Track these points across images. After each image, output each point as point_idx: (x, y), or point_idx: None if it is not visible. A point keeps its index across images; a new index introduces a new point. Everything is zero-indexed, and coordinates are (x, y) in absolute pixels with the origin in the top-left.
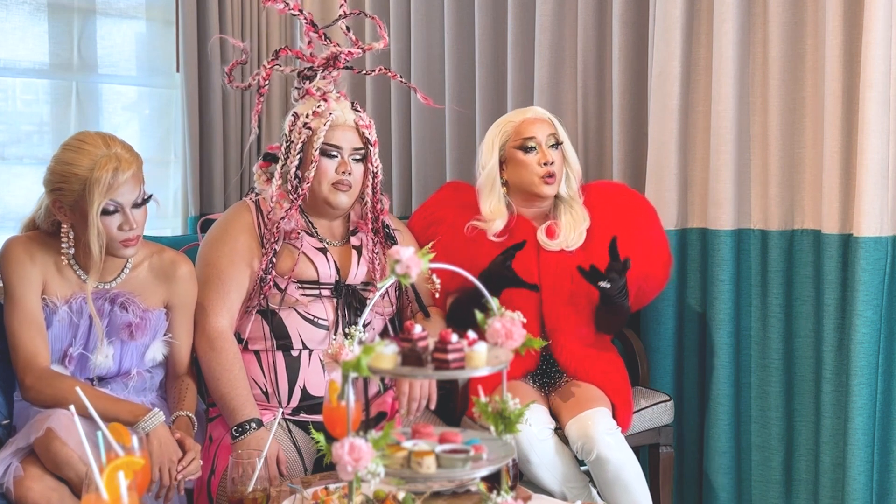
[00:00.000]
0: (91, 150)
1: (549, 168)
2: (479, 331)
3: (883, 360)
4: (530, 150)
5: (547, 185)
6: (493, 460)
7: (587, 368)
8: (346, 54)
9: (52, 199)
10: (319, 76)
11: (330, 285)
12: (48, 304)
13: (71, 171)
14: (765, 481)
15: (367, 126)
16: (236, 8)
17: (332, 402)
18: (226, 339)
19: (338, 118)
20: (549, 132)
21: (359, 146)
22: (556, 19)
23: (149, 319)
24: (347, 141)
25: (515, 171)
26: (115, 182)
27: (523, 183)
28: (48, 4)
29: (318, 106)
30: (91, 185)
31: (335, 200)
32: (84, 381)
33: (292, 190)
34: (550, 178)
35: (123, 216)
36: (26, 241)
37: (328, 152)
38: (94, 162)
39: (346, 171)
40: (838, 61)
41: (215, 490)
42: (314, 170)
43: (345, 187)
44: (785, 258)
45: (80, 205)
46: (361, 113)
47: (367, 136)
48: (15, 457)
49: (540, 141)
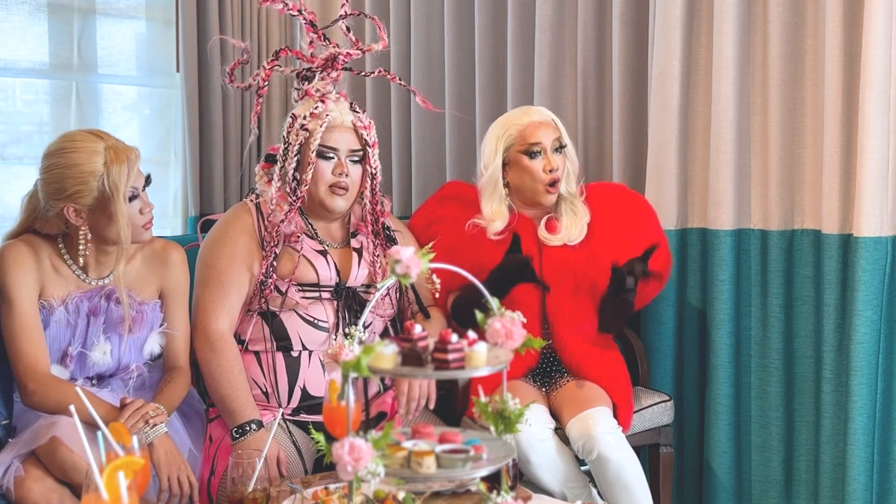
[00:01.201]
0: (90, 146)
1: (553, 175)
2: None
3: (883, 360)
4: (536, 155)
5: (549, 195)
6: (493, 460)
7: (589, 366)
8: (345, 55)
9: (64, 207)
10: (318, 77)
11: (330, 288)
12: (45, 305)
13: (84, 171)
14: (765, 481)
15: (366, 127)
16: (236, 8)
17: (332, 402)
18: (226, 341)
19: (335, 119)
20: (555, 136)
21: (356, 147)
22: (556, 19)
23: (144, 312)
24: (344, 142)
25: (519, 175)
26: (132, 169)
27: (526, 188)
28: (48, 4)
29: (315, 107)
30: (111, 177)
31: (331, 204)
32: (84, 380)
33: (291, 192)
34: (553, 186)
35: (141, 199)
36: (24, 245)
37: (324, 154)
38: (102, 156)
39: (343, 173)
40: (838, 61)
41: (215, 490)
42: (311, 172)
43: (341, 191)
44: (785, 258)
45: (102, 201)
46: (360, 114)
47: (365, 137)
48: (15, 457)
49: (545, 147)
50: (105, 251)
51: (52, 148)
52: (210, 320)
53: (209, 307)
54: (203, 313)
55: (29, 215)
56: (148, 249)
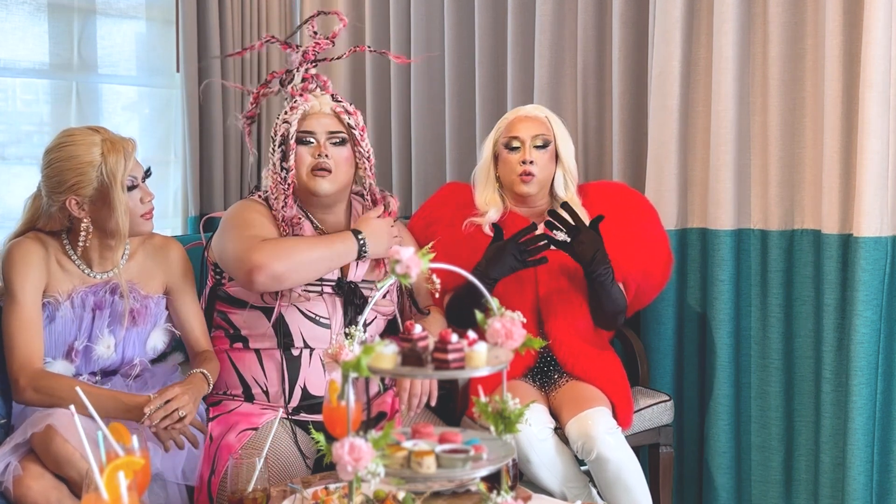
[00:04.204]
0: (87, 139)
1: (526, 167)
2: (479, 330)
3: (883, 360)
4: (514, 149)
5: (524, 184)
6: (493, 460)
7: (585, 365)
8: (314, 46)
9: (67, 199)
10: (297, 76)
11: (332, 282)
12: (52, 301)
13: (83, 162)
14: (765, 481)
15: (351, 113)
16: (236, 8)
17: (332, 402)
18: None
19: (313, 108)
20: (537, 133)
21: (335, 130)
22: (556, 19)
23: (149, 306)
24: (321, 125)
25: (502, 167)
26: (128, 158)
27: (506, 180)
28: (48, 4)
29: (294, 102)
30: (108, 166)
31: (315, 187)
32: (87, 375)
33: (281, 181)
34: (527, 176)
35: (141, 189)
36: (32, 241)
37: (303, 139)
38: (99, 147)
39: (322, 154)
40: (838, 61)
41: (216, 490)
42: (293, 157)
43: (323, 172)
44: (785, 258)
45: (102, 190)
46: (343, 102)
47: (349, 121)
48: (14, 455)
49: (524, 140)
50: (108, 245)
51: (51, 144)
52: (253, 255)
53: (248, 246)
54: (244, 255)
55: (32, 215)
56: (149, 245)
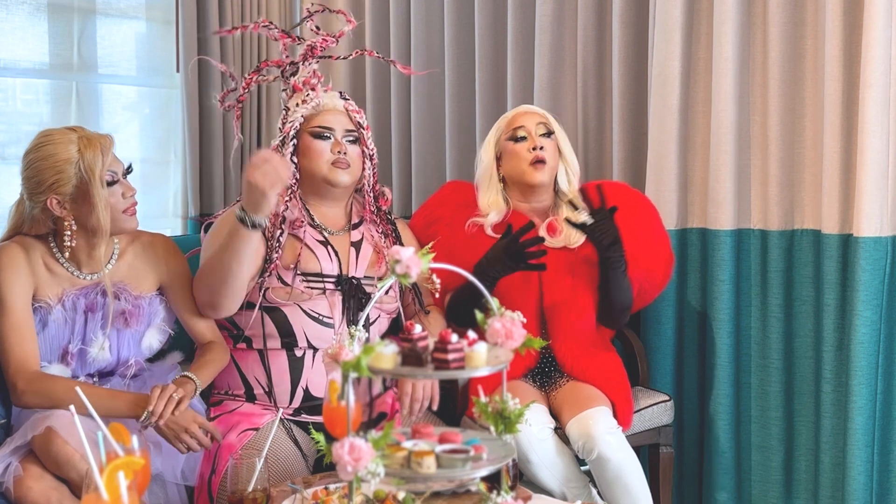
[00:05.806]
0: (64, 137)
1: (537, 153)
2: (480, 330)
3: (883, 360)
4: (520, 139)
5: (537, 171)
6: (493, 460)
7: (585, 366)
8: (322, 42)
9: (48, 199)
10: (302, 69)
11: (333, 278)
12: (43, 305)
13: (60, 160)
14: (765, 481)
15: (358, 111)
16: (236, 8)
17: (333, 402)
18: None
19: (326, 104)
20: (539, 122)
21: (350, 128)
22: (556, 19)
23: (142, 306)
24: (339, 123)
25: (508, 162)
26: (105, 153)
27: (515, 173)
28: (48, 4)
29: (306, 95)
30: (86, 161)
31: (336, 178)
32: (85, 377)
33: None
34: (540, 163)
35: (122, 184)
36: (16, 246)
37: (321, 134)
38: (76, 144)
39: (342, 151)
40: (838, 61)
41: (216, 490)
42: (309, 153)
43: (344, 164)
44: (785, 258)
45: (82, 187)
46: (350, 100)
47: (358, 120)
48: (14, 456)
49: (529, 129)
50: (95, 245)
51: (29, 146)
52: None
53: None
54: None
55: (17, 220)
56: (137, 244)
